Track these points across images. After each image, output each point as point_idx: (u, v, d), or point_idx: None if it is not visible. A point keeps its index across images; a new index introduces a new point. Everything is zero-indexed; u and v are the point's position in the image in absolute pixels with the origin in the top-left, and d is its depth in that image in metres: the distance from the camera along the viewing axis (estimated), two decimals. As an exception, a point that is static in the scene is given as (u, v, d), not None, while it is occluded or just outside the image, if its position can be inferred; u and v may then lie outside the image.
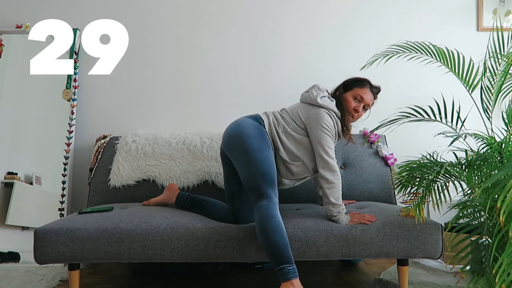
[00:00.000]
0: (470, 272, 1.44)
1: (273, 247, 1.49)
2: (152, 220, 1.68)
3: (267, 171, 1.64)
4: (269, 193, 1.60)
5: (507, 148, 1.54)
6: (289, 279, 1.45)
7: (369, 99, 1.84)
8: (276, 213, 1.55)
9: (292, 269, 1.47)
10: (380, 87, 1.90)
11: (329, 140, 1.72)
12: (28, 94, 2.49)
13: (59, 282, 1.98)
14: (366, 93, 1.83)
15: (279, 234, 1.50)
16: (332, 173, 1.68)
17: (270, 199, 1.59)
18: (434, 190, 1.54)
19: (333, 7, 2.59)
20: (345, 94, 1.85)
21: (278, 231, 1.50)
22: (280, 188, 1.89)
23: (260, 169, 1.63)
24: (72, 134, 2.46)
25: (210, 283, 1.99)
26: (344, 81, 1.89)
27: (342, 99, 1.84)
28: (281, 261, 1.47)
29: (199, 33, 2.59)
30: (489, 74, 1.69)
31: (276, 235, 1.49)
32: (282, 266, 1.47)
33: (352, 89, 1.84)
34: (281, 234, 1.50)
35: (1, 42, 2.49)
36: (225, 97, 2.58)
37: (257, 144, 1.68)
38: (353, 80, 1.87)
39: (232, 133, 1.73)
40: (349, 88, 1.85)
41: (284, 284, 1.45)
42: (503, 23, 2.51)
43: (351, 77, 1.89)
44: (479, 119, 1.74)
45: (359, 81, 1.86)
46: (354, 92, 1.83)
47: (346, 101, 1.83)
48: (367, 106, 1.85)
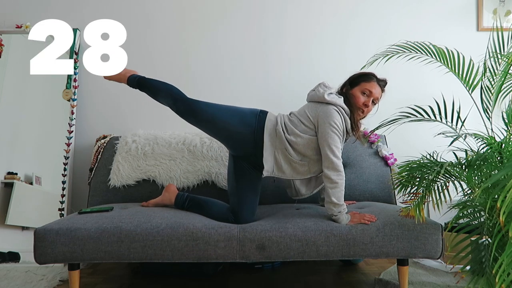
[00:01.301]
0: (470, 272, 1.44)
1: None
2: (152, 220, 1.68)
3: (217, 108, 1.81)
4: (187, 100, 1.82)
5: (507, 148, 1.54)
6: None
7: (377, 92, 1.83)
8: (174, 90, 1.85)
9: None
10: (386, 79, 1.88)
11: (336, 139, 1.71)
12: (28, 94, 2.49)
13: (59, 282, 1.98)
14: (374, 86, 1.83)
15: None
16: (336, 173, 1.68)
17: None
18: (434, 190, 1.54)
19: (334, 7, 2.59)
20: (352, 90, 1.83)
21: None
22: (299, 198, 1.93)
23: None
24: (72, 134, 2.46)
25: (210, 283, 1.99)
26: (349, 77, 1.88)
27: (349, 95, 1.82)
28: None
29: (200, 33, 2.59)
30: (489, 74, 1.69)
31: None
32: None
33: (359, 84, 1.83)
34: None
35: (1, 42, 2.49)
36: (225, 97, 2.58)
37: (240, 109, 1.83)
38: (359, 75, 1.86)
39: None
40: (355, 84, 1.84)
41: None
42: (503, 23, 2.51)
43: (356, 72, 1.88)
44: (479, 119, 1.74)
45: (365, 75, 1.85)
46: (361, 87, 1.82)
47: (354, 97, 1.81)
48: (376, 100, 1.84)
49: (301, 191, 1.91)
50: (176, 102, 1.81)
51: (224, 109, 1.81)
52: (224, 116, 1.78)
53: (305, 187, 1.91)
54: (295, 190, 1.92)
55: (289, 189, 1.95)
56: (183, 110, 1.81)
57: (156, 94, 1.87)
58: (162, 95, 1.85)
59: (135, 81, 1.88)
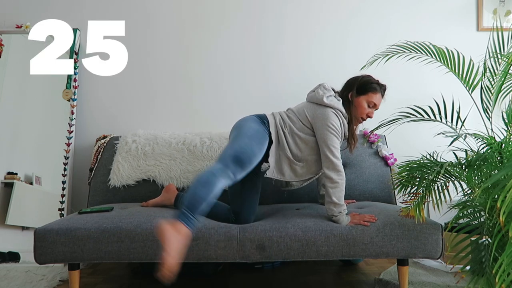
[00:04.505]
0: (470, 272, 1.44)
1: (189, 190, 1.47)
2: (152, 220, 1.67)
3: (245, 148, 1.62)
4: (229, 164, 1.57)
5: (507, 148, 1.53)
6: (177, 219, 1.39)
7: (379, 102, 1.84)
8: (216, 174, 1.51)
9: (187, 215, 1.40)
10: (386, 85, 1.87)
11: (335, 140, 1.71)
12: (28, 94, 2.49)
13: (59, 282, 1.98)
14: (380, 99, 1.83)
15: (201, 184, 1.46)
16: (337, 173, 1.69)
17: (226, 167, 1.56)
18: (434, 190, 1.54)
19: (334, 7, 2.59)
20: (358, 98, 1.81)
21: (201, 181, 1.47)
22: (288, 189, 1.91)
23: (240, 142, 1.64)
24: (72, 134, 2.46)
25: (210, 283, 1.99)
26: (356, 81, 1.83)
27: (354, 102, 1.81)
28: (185, 204, 1.43)
29: (200, 33, 2.59)
30: (489, 74, 1.69)
31: (197, 184, 1.47)
32: (183, 209, 1.42)
33: (367, 94, 1.80)
34: (202, 186, 1.46)
35: (1, 42, 2.49)
36: (225, 97, 2.58)
37: (253, 129, 1.71)
38: (367, 82, 1.82)
39: (235, 124, 1.82)
40: (362, 92, 1.81)
41: (170, 221, 1.39)
42: (503, 23, 2.51)
43: (364, 77, 1.84)
44: (479, 119, 1.74)
45: (373, 85, 1.81)
46: (368, 97, 1.80)
47: (359, 106, 1.80)
48: (376, 108, 1.85)
49: (292, 182, 1.88)
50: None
51: (247, 147, 1.65)
52: (254, 151, 1.67)
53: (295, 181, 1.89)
54: (285, 181, 1.89)
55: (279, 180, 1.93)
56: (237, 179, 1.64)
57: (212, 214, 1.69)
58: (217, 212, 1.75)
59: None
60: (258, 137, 1.71)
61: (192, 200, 1.44)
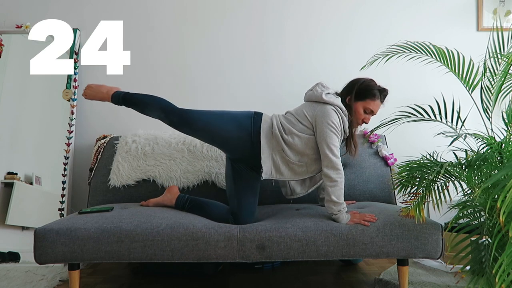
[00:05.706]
0: (470, 272, 1.44)
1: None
2: (152, 220, 1.68)
3: (203, 115, 1.78)
4: (180, 110, 1.79)
5: (507, 148, 1.54)
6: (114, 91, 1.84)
7: (378, 109, 1.82)
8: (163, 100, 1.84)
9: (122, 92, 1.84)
10: (388, 91, 1.83)
11: (335, 138, 1.71)
12: (28, 94, 2.49)
13: (59, 282, 1.98)
14: (378, 105, 1.81)
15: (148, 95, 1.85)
16: (336, 172, 1.68)
17: (175, 109, 1.80)
18: (434, 190, 1.54)
19: (335, 7, 2.59)
20: (355, 104, 1.79)
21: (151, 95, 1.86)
22: (294, 197, 1.91)
23: (208, 113, 1.80)
24: (72, 134, 2.46)
25: (210, 283, 1.99)
26: (355, 85, 1.80)
27: (351, 107, 1.79)
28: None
29: (200, 33, 2.59)
30: (489, 74, 1.69)
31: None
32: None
33: (365, 100, 1.78)
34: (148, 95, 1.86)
35: (1, 42, 2.49)
36: (226, 97, 2.58)
37: (231, 119, 1.79)
38: (367, 88, 1.79)
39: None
40: (361, 98, 1.79)
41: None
42: (503, 23, 2.51)
43: (365, 82, 1.80)
44: (479, 119, 1.74)
45: (372, 91, 1.78)
46: (366, 104, 1.78)
47: (355, 112, 1.79)
48: (374, 114, 1.83)
49: (296, 190, 1.90)
50: (168, 115, 1.78)
51: (218, 115, 1.79)
52: (219, 123, 1.76)
53: (300, 186, 1.90)
54: (290, 189, 1.91)
55: (284, 188, 1.94)
56: (176, 121, 1.78)
57: (145, 109, 1.82)
58: (151, 109, 1.81)
59: (120, 98, 1.83)
60: (229, 123, 1.77)
61: (135, 94, 1.84)
